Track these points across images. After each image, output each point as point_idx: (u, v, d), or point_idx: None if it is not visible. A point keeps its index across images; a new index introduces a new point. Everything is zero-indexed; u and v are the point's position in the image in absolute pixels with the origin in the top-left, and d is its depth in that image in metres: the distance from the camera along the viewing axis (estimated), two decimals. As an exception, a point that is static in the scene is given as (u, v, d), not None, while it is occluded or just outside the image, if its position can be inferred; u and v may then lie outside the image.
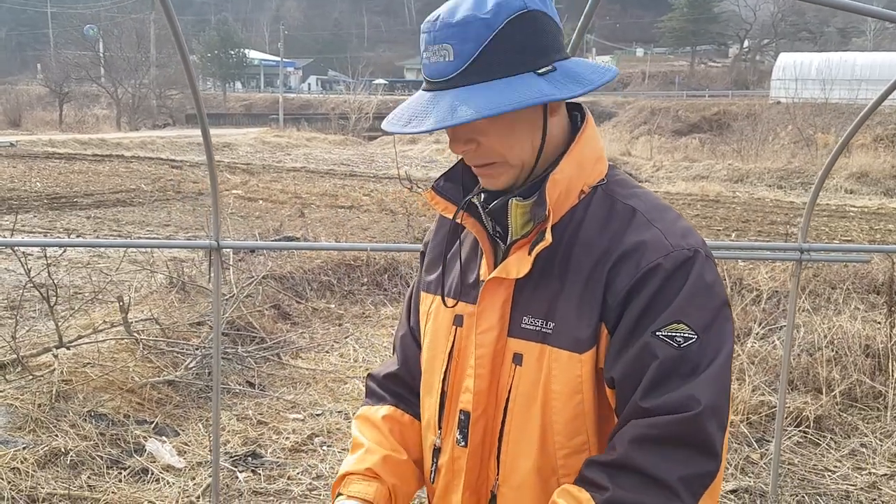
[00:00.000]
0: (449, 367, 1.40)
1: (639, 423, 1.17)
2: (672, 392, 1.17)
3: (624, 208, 1.29)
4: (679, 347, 1.18)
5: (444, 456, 1.42)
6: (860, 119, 3.73)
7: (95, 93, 51.26)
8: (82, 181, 19.54)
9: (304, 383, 5.90)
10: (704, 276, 1.22)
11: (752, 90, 50.81)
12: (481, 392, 1.34)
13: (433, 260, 1.52)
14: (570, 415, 1.27)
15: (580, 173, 1.30)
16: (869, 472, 4.57)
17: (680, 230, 1.26)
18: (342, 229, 12.63)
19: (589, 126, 1.34)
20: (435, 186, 1.45)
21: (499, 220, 1.35)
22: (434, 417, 1.43)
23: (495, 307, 1.32)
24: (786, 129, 31.44)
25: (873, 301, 7.45)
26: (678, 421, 1.15)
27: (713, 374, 1.18)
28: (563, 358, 1.26)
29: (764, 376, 5.45)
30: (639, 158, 27.54)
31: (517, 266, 1.29)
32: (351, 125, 43.81)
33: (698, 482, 1.17)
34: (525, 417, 1.30)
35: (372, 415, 1.55)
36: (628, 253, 1.23)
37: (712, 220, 15.31)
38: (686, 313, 1.19)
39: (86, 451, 4.36)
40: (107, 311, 6.59)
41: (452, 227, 1.50)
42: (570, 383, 1.26)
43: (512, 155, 1.27)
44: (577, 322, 1.25)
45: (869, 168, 22.90)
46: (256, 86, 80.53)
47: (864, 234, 13.88)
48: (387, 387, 1.58)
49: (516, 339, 1.31)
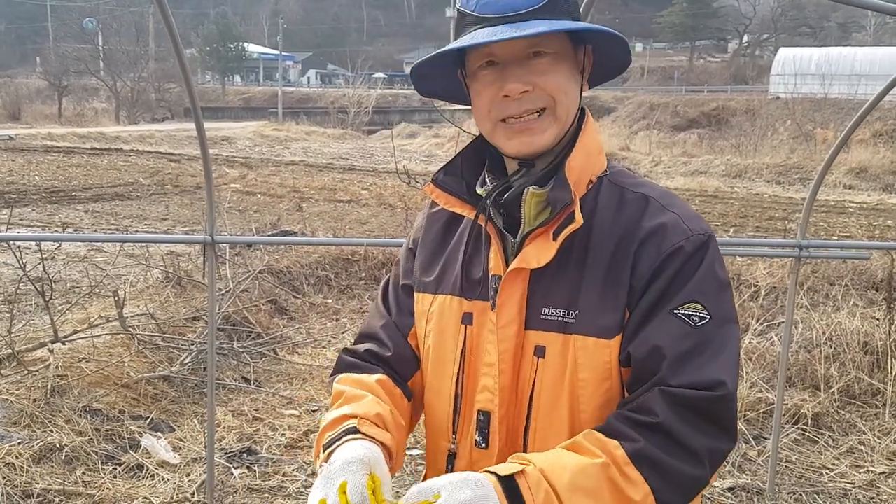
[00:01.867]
0: (462, 368, 1.37)
1: (672, 393, 1.19)
2: (698, 370, 1.20)
3: (635, 196, 1.33)
4: (695, 326, 1.23)
5: (461, 461, 1.38)
6: (860, 115, 3.70)
7: (94, 86, 51.14)
8: (81, 175, 19.51)
9: (301, 379, 5.87)
10: (716, 260, 1.28)
11: (751, 85, 50.79)
12: (505, 389, 1.33)
13: (430, 257, 1.48)
14: (599, 402, 1.27)
15: (588, 163, 1.35)
16: (867, 469, 4.55)
17: (693, 215, 1.32)
18: (340, 223, 12.61)
19: (590, 119, 1.39)
20: (435, 180, 1.43)
21: (509, 211, 1.35)
22: (447, 421, 1.39)
23: (514, 300, 1.32)
24: (784, 124, 31.40)
25: (872, 297, 7.42)
26: (709, 399, 1.19)
27: (731, 357, 1.24)
28: (589, 345, 1.26)
29: (762, 373, 5.43)
30: (638, 153, 27.51)
31: (537, 255, 1.29)
32: (350, 119, 43.76)
33: (718, 457, 1.22)
34: (551, 411, 1.29)
35: (364, 378, 1.44)
36: (650, 236, 1.27)
37: (711, 215, 15.28)
38: (702, 293, 1.24)
39: (81, 447, 4.34)
40: (103, 306, 6.56)
41: (446, 223, 1.48)
42: (598, 370, 1.26)
43: (562, 102, 1.30)
44: (601, 309, 1.27)
45: (868, 163, 22.90)
46: (255, 79, 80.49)
47: (862, 229, 13.86)
48: (374, 363, 1.48)
49: (536, 331, 1.30)
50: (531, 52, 1.28)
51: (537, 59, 1.28)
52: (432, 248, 1.48)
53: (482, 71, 1.31)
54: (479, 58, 1.31)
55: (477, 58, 1.31)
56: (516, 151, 1.33)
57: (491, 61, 1.30)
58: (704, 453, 1.18)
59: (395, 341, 1.49)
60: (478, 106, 1.35)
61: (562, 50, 1.30)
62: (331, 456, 1.25)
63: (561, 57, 1.30)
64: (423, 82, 1.45)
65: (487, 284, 1.35)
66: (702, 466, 1.19)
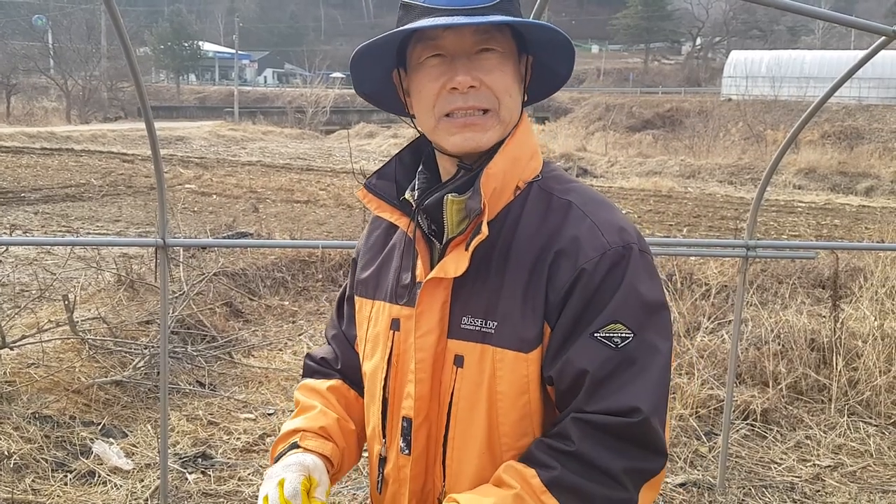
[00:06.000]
0: (389, 374, 1.37)
1: (586, 420, 1.18)
2: (614, 395, 1.17)
3: (560, 203, 1.29)
4: (617, 348, 1.19)
5: (389, 465, 1.40)
6: (804, 118, 3.81)
7: (44, 85, 49.93)
8: (30, 175, 19.06)
9: (257, 382, 5.83)
10: (640, 274, 1.23)
11: (704, 87, 51.68)
12: (423, 397, 1.32)
13: (368, 262, 1.49)
14: (517, 416, 1.26)
15: (514, 168, 1.31)
16: (813, 463, 4.68)
17: (616, 226, 1.26)
18: (297, 224, 12.53)
19: (523, 122, 1.35)
20: (368, 184, 1.42)
21: (434, 217, 1.33)
22: (378, 426, 1.41)
23: (434, 309, 1.30)
24: (736, 125, 32.07)
25: (819, 295, 7.62)
26: (625, 424, 1.17)
27: (653, 377, 1.20)
28: (508, 358, 1.24)
29: (713, 370, 5.54)
30: (594, 154, 27.82)
31: (455, 265, 1.26)
32: (308, 119, 43.48)
33: (642, 476, 1.20)
34: (469, 421, 1.28)
35: (317, 385, 1.54)
36: (565, 250, 1.23)
37: (665, 214, 15.53)
38: (622, 313, 1.20)
39: (30, 454, 4.25)
40: (53, 310, 6.43)
41: (385, 228, 1.48)
42: (516, 384, 1.25)
43: (506, 104, 1.29)
44: (521, 320, 1.24)
45: (817, 164, 23.50)
46: (211, 78, 79.43)
47: (811, 229, 14.21)
48: (329, 368, 1.57)
49: (456, 340, 1.29)
50: (480, 48, 1.27)
51: (486, 55, 1.27)
52: (372, 253, 1.49)
53: (429, 63, 1.29)
54: (427, 49, 1.29)
55: (424, 49, 1.29)
56: (458, 148, 1.29)
57: (438, 54, 1.28)
58: (623, 475, 1.17)
59: (343, 351, 1.56)
60: (421, 99, 1.31)
61: (508, 51, 1.30)
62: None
63: (507, 57, 1.29)
64: (361, 79, 1.41)
65: (415, 290, 1.33)
66: (622, 489, 1.18)
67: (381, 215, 1.41)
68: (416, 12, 1.26)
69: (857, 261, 8.20)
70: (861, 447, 4.88)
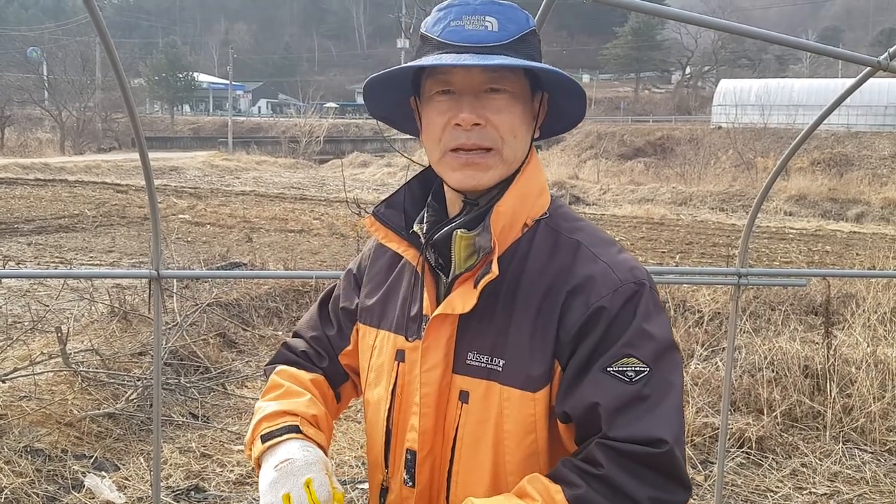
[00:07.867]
0: (393, 405, 1.37)
1: (613, 447, 1.17)
2: (635, 423, 1.17)
3: (568, 242, 1.30)
4: (631, 381, 1.19)
5: (392, 495, 1.40)
6: (795, 145, 3.85)
7: (39, 116, 50.12)
8: (23, 207, 19.06)
9: (250, 413, 5.77)
10: (652, 310, 1.25)
11: (694, 115, 52.11)
12: (427, 431, 1.32)
13: (372, 290, 1.49)
14: (523, 454, 1.26)
15: (523, 206, 1.32)
16: (809, 491, 4.66)
17: (627, 265, 1.28)
18: (291, 254, 12.52)
19: (533, 159, 1.36)
20: (376, 213, 1.43)
21: (441, 252, 1.33)
22: (381, 455, 1.41)
23: (440, 344, 1.30)
24: (727, 153, 32.34)
25: (811, 322, 7.64)
26: (652, 454, 1.16)
27: (672, 409, 1.20)
28: (515, 397, 1.25)
29: (707, 397, 5.53)
30: (586, 182, 27.99)
31: (462, 301, 1.27)
32: (301, 148, 43.64)
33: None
34: (474, 456, 1.29)
35: (300, 375, 1.51)
36: (578, 288, 1.24)
37: (657, 242, 15.59)
38: (636, 347, 1.21)
39: (21, 488, 4.21)
40: (45, 342, 6.39)
41: (391, 256, 1.48)
42: (523, 422, 1.25)
43: (510, 145, 1.29)
44: (528, 359, 1.25)
45: (807, 191, 23.69)
46: (205, 109, 79.77)
47: (802, 255, 14.27)
48: (311, 363, 1.56)
49: (461, 375, 1.29)
50: (489, 87, 1.27)
51: (494, 95, 1.27)
52: (377, 281, 1.49)
53: (438, 97, 1.30)
54: (436, 84, 1.30)
55: (434, 84, 1.30)
56: (459, 184, 1.31)
57: (447, 90, 1.29)
58: (646, 502, 1.16)
59: (326, 353, 1.57)
60: (429, 132, 1.33)
61: (519, 91, 1.30)
62: (273, 449, 1.33)
63: (517, 98, 1.30)
64: (374, 104, 1.44)
65: (421, 324, 1.34)
66: None
67: (389, 245, 1.41)
68: (431, 45, 1.28)
69: (849, 287, 8.25)
70: (857, 475, 4.87)
